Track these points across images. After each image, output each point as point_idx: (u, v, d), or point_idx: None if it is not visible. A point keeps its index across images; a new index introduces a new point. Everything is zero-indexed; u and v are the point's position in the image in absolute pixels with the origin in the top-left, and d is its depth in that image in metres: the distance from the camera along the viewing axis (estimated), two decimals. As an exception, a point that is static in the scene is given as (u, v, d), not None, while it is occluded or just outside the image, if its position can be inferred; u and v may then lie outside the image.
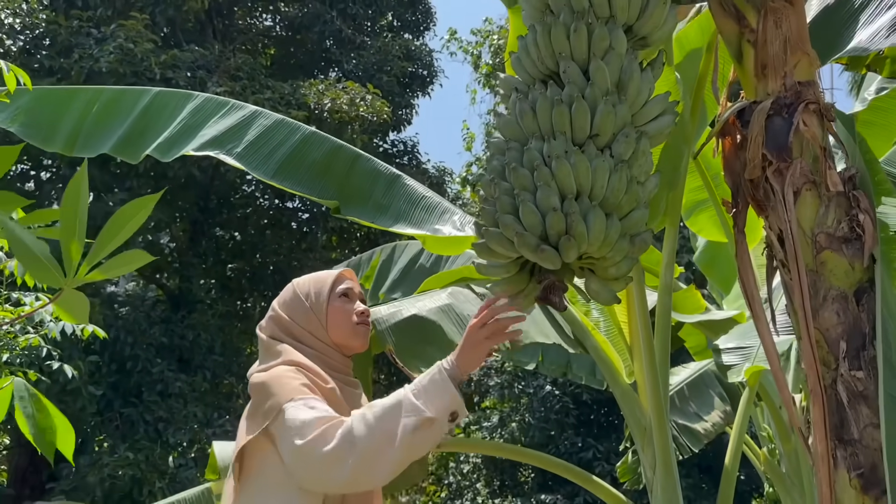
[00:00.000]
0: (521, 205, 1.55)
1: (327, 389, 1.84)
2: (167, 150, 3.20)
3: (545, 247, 1.53)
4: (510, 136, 1.69)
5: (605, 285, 1.64)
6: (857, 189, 1.98)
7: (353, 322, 1.96)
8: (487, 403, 14.40)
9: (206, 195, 12.85)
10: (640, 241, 1.64)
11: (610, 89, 1.60)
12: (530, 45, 1.69)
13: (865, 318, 1.94)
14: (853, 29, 2.54)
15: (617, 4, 1.63)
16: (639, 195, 1.62)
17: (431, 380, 1.71)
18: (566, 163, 1.53)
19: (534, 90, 1.67)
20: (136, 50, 10.30)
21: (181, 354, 11.48)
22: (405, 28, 17.07)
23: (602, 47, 1.61)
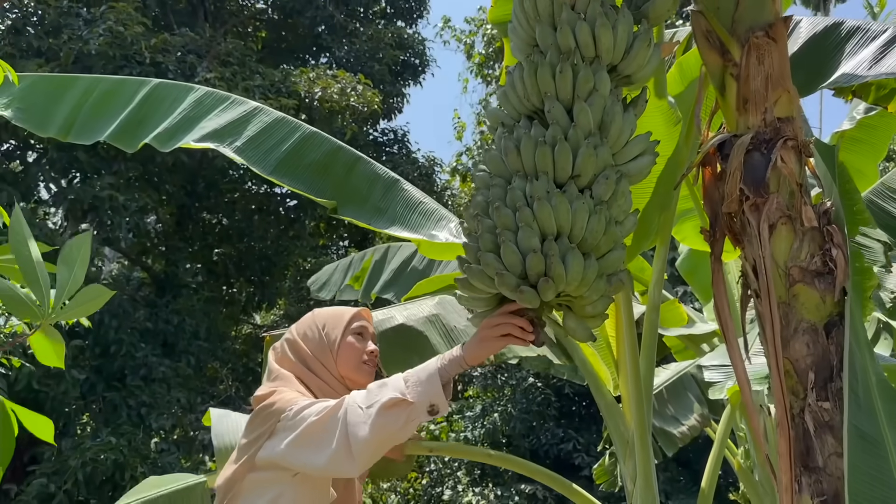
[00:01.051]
0: (502, 244, 1.58)
1: None
2: (166, 140, 3.19)
3: (524, 287, 1.57)
4: (495, 172, 1.72)
5: (582, 322, 1.68)
6: (832, 224, 2.03)
7: (361, 360, 2.05)
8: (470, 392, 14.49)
9: (193, 179, 12.79)
10: (617, 280, 1.68)
11: (592, 130, 1.63)
12: (517, 81, 1.72)
13: (834, 351, 1.99)
14: (839, 59, 2.59)
15: (602, 45, 1.66)
16: (617, 235, 1.65)
17: (425, 367, 1.77)
18: (547, 204, 1.57)
19: (518, 127, 1.70)
20: (126, 33, 10.22)
21: (165, 339, 11.47)
22: (398, 15, 16.97)
23: (586, 89, 1.64)
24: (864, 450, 1.92)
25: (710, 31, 2.01)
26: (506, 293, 1.61)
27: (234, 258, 13.95)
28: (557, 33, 1.68)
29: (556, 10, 1.72)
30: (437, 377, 1.72)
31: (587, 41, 1.66)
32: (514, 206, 1.61)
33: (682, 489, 11.76)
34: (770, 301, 1.95)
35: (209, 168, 12.46)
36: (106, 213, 10.44)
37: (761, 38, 1.94)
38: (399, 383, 1.74)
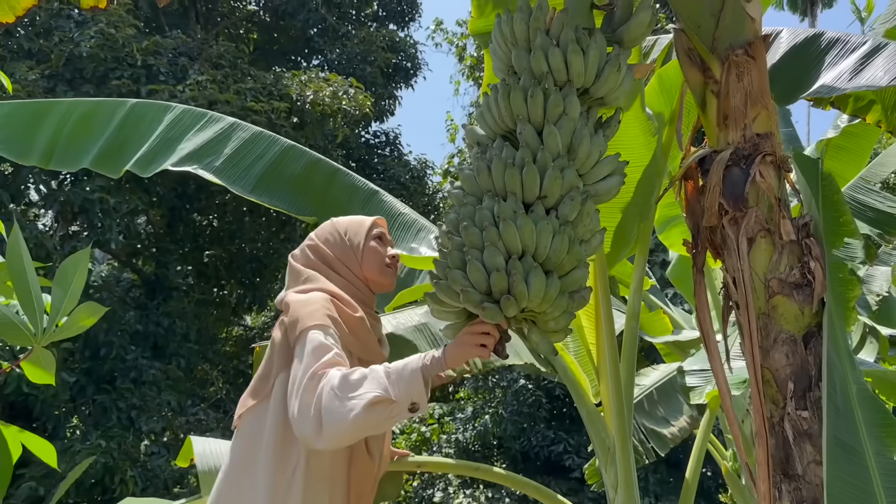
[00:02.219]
0: (469, 262, 1.66)
1: (356, 318, 1.98)
2: (147, 166, 3.20)
3: (487, 304, 1.65)
4: (468, 190, 1.80)
5: (545, 337, 1.74)
6: (810, 237, 2.07)
7: (384, 262, 2.14)
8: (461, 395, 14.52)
9: (184, 181, 12.77)
10: (580, 297, 1.75)
11: (561, 153, 1.70)
12: (492, 102, 1.79)
13: (812, 361, 2.04)
14: (819, 70, 2.63)
15: (573, 70, 1.73)
16: (580, 254, 1.72)
17: (407, 364, 1.79)
18: (513, 224, 1.64)
19: (492, 148, 1.77)
20: (118, 35, 10.21)
21: (156, 341, 11.45)
22: (390, 18, 17.01)
23: (556, 112, 1.71)
24: (844, 458, 1.97)
25: (692, 48, 2.06)
26: (471, 309, 1.69)
27: (224, 260, 13.94)
28: (531, 58, 1.74)
29: (531, 34, 1.79)
30: (419, 375, 1.76)
31: (559, 66, 1.73)
32: (481, 226, 1.68)
33: (672, 490, 11.83)
34: (749, 313, 2.00)
35: (200, 170, 12.43)
36: (97, 215, 10.42)
37: (741, 56, 1.98)
38: (381, 378, 1.76)
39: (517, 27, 1.80)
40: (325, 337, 1.86)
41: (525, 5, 1.81)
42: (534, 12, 1.79)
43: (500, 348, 1.74)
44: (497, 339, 1.73)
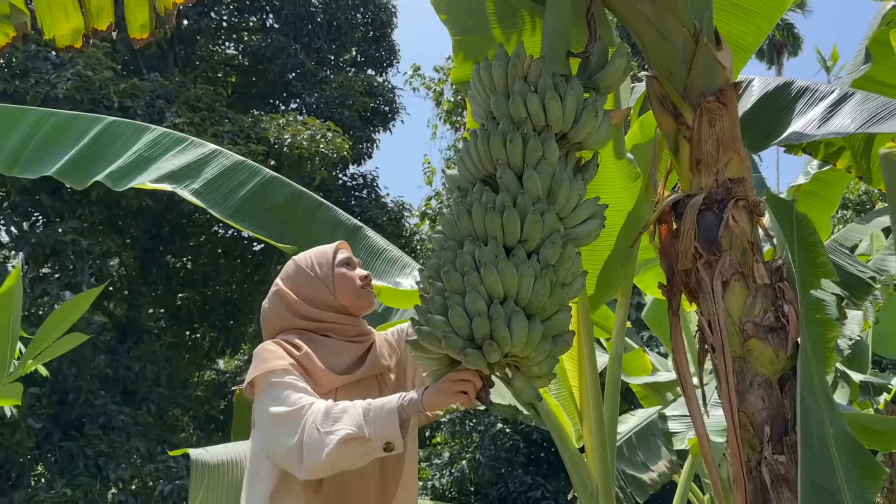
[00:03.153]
0: (450, 307, 1.65)
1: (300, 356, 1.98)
2: (119, 179, 3.13)
3: (469, 350, 1.64)
4: (449, 235, 1.79)
5: (529, 383, 1.73)
6: (784, 280, 2.09)
7: (357, 285, 2.12)
8: (438, 440, 14.33)
9: (159, 223, 12.68)
10: (563, 341, 1.74)
11: (541, 196, 1.72)
12: (472, 147, 1.81)
13: (788, 405, 2.04)
14: (789, 117, 2.70)
15: (551, 116, 1.76)
16: (563, 298, 1.72)
17: (385, 404, 1.79)
18: (494, 269, 1.64)
19: (472, 192, 1.78)
20: (95, 77, 10.21)
21: (126, 386, 11.22)
22: (368, 64, 17.21)
23: (535, 157, 1.73)
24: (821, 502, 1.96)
25: (664, 95, 2.10)
26: (452, 355, 1.67)
27: (198, 303, 13.77)
28: (509, 103, 1.76)
29: (509, 81, 1.82)
30: (395, 415, 1.77)
31: (537, 111, 1.76)
32: (462, 270, 1.68)
33: (651, 537, 11.70)
34: (724, 356, 2.00)
35: (175, 212, 12.38)
36: (68, 257, 10.28)
37: (712, 103, 2.02)
38: (358, 415, 1.77)
39: (496, 74, 1.83)
40: (281, 377, 1.90)
41: (503, 53, 1.85)
42: (512, 59, 1.82)
43: (483, 395, 1.72)
44: (479, 386, 1.72)
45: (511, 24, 2.26)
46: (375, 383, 2.09)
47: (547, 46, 1.90)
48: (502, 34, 2.27)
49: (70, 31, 2.35)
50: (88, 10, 2.34)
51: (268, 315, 2.13)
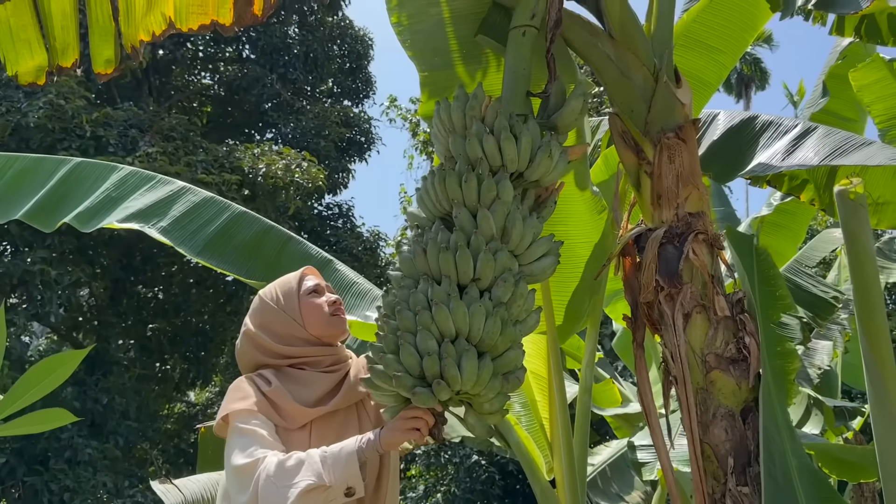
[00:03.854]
0: (401, 346, 1.68)
1: (271, 391, 1.95)
2: (88, 220, 3.11)
3: (419, 389, 1.66)
4: (406, 273, 1.82)
5: (481, 419, 1.75)
6: (745, 312, 2.13)
7: (326, 313, 2.04)
8: (413, 472, 14.18)
9: (130, 253, 12.53)
10: (514, 378, 1.76)
11: (494, 235, 1.75)
12: (430, 186, 1.85)
13: (751, 437, 2.06)
14: (754, 150, 2.76)
15: (507, 156, 1.80)
16: (514, 335, 1.75)
17: (343, 448, 1.77)
18: (445, 308, 1.67)
19: (429, 231, 1.82)
20: (67, 106, 10.14)
21: (93, 419, 10.97)
22: (345, 95, 17.32)
23: (489, 197, 1.77)
24: (785, 533, 1.98)
25: (626, 131, 2.15)
26: (403, 394, 1.70)
27: (168, 333, 13.58)
28: (466, 144, 1.80)
29: (467, 121, 1.86)
30: (355, 459, 1.75)
31: (493, 152, 1.80)
32: (415, 309, 1.71)
33: (626, 569, 11.61)
34: (687, 388, 2.03)
35: (147, 242, 12.23)
36: (36, 287, 10.11)
37: (672, 139, 2.07)
38: (316, 464, 1.75)
39: (454, 114, 1.88)
40: (245, 423, 1.87)
41: (462, 94, 1.89)
42: (469, 101, 1.87)
43: (435, 432, 1.73)
44: (432, 423, 1.73)
45: (476, 62, 2.31)
46: (354, 412, 2.05)
47: (506, 87, 1.95)
48: (468, 72, 2.31)
49: (33, 68, 2.35)
50: (53, 46, 2.34)
51: (241, 356, 2.10)
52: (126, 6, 2.33)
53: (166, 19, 2.25)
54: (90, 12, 2.37)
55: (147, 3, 2.31)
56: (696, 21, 2.88)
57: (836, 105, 4.42)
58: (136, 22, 2.26)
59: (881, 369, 1.90)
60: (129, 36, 2.25)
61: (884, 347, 1.92)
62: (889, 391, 1.91)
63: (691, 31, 2.98)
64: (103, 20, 2.30)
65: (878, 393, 1.94)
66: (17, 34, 2.26)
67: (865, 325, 1.98)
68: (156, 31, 2.26)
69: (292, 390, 1.96)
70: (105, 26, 2.30)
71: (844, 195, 1.95)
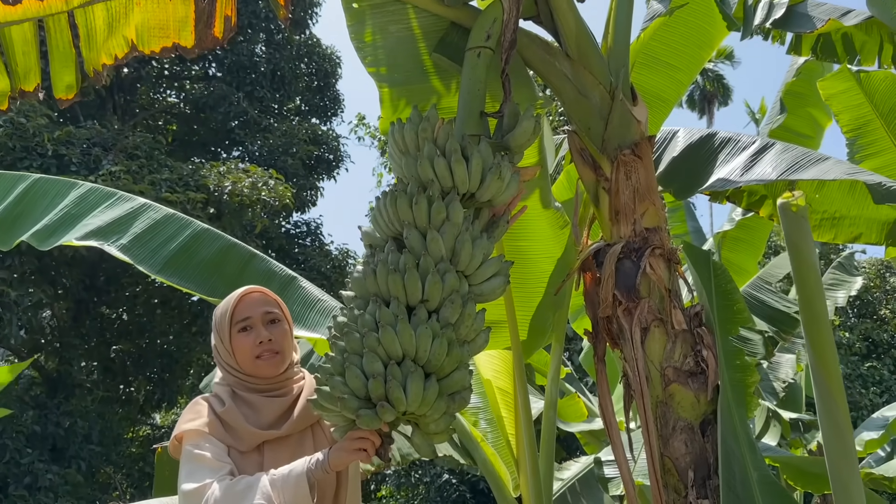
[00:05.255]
0: (347, 368, 1.68)
1: (224, 411, 1.92)
2: (45, 238, 3.05)
3: (363, 411, 1.66)
4: (357, 293, 1.83)
5: (427, 439, 1.76)
6: (702, 326, 2.16)
7: (253, 354, 1.95)
8: (384, 492, 14.06)
9: (93, 273, 12.32)
10: (460, 398, 1.77)
11: (444, 256, 1.77)
12: (382, 207, 1.86)
13: (710, 449, 2.08)
14: (713, 166, 2.81)
15: (458, 177, 1.82)
16: (461, 356, 1.75)
17: (292, 469, 1.76)
18: (392, 330, 1.68)
19: (380, 251, 1.82)
20: (29, 125, 10.00)
21: (55, 443, 10.72)
22: (313, 113, 17.29)
23: (439, 219, 1.78)
24: (746, 545, 1.99)
25: (584, 148, 2.17)
26: (347, 415, 1.70)
27: (133, 355, 13.34)
28: (417, 166, 1.81)
29: (420, 143, 1.88)
30: (304, 480, 1.74)
31: (444, 173, 1.82)
32: (361, 331, 1.71)
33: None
34: (645, 401, 2.05)
35: (110, 262, 12.04)
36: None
37: (628, 156, 2.10)
38: (265, 486, 1.74)
39: (407, 136, 1.89)
40: (195, 447, 1.85)
41: (416, 115, 1.90)
42: (422, 123, 1.88)
43: (381, 452, 1.74)
44: (378, 444, 1.73)
45: (437, 78, 2.32)
46: (309, 434, 2.01)
47: (461, 107, 1.97)
48: (427, 89, 2.32)
49: (-4, 93, 2.32)
50: (15, 71, 2.32)
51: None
52: (87, 31, 2.32)
53: (128, 42, 2.24)
54: (50, 39, 2.36)
55: (108, 28, 2.30)
56: (653, 39, 2.93)
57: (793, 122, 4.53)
58: (97, 46, 2.25)
59: (827, 380, 1.94)
60: (91, 60, 2.24)
61: (829, 357, 1.96)
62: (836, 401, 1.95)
63: (649, 49, 3.03)
64: (63, 46, 2.28)
65: (825, 403, 1.98)
66: (-22, 61, 2.24)
67: (811, 335, 2.02)
68: (118, 54, 2.25)
69: (245, 413, 1.94)
70: (65, 52, 2.29)
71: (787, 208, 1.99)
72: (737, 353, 2.38)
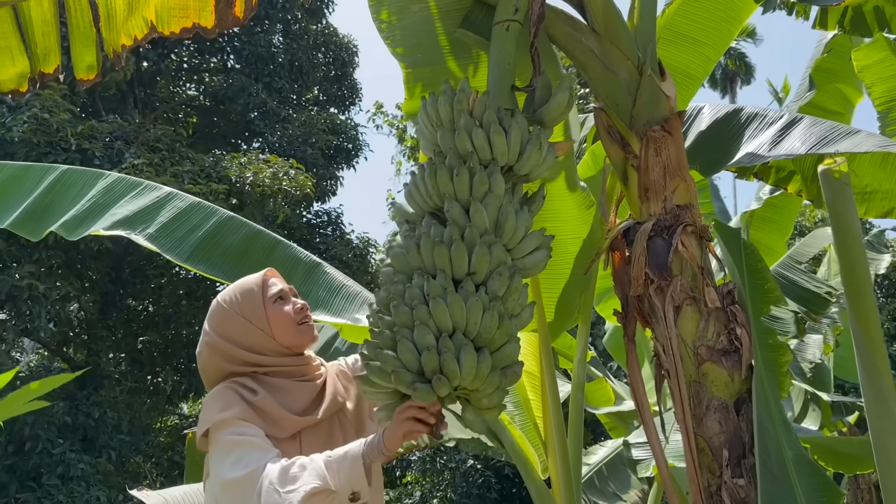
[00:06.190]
0: (399, 342, 1.65)
1: (257, 401, 1.88)
2: (74, 229, 3.09)
3: (419, 384, 1.63)
4: (398, 268, 1.79)
5: (479, 415, 1.72)
6: (735, 304, 2.12)
7: (295, 322, 1.97)
8: (409, 478, 14.12)
9: (118, 266, 12.46)
10: (512, 372, 1.73)
11: (488, 229, 1.73)
12: (419, 181, 1.82)
13: (745, 428, 2.05)
14: (740, 142, 2.75)
15: (497, 149, 1.78)
16: (511, 329, 1.72)
17: (347, 452, 1.74)
18: (442, 302, 1.64)
19: (420, 226, 1.79)
20: (52, 120, 10.08)
21: (85, 433, 10.89)
22: (331, 102, 17.29)
23: (481, 190, 1.75)
24: (782, 525, 1.97)
25: (612, 125, 2.14)
26: (402, 390, 1.66)
27: (159, 346, 13.49)
28: (455, 138, 1.78)
29: (455, 115, 1.84)
30: (360, 463, 1.71)
31: (483, 145, 1.78)
32: (411, 304, 1.67)
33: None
34: (679, 380, 2.02)
35: (136, 254, 12.19)
36: (25, 302, 10.03)
37: (658, 132, 2.07)
38: (320, 467, 1.71)
39: (441, 109, 1.85)
40: (237, 434, 1.80)
41: (448, 88, 1.87)
42: (457, 95, 1.85)
43: (435, 429, 1.70)
44: (434, 421, 1.69)
45: (460, 57, 2.30)
46: (336, 421, 2.00)
47: (492, 81, 1.93)
48: (452, 67, 2.30)
49: (15, 75, 2.32)
50: (35, 53, 2.32)
51: (207, 367, 1.99)
52: (107, 11, 2.31)
53: (148, 23, 2.23)
54: (70, 18, 2.35)
55: (128, 8, 2.29)
56: (678, 14, 2.88)
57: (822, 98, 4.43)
58: (117, 26, 2.24)
59: (872, 351, 1.90)
60: (110, 41, 2.23)
61: (874, 328, 1.91)
62: (881, 373, 1.90)
63: (674, 25, 2.98)
64: (84, 26, 2.27)
65: (869, 373, 1.93)
66: (-3, 42, 2.24)
67: (855, 306, 1.97)
68: (137, 35, 2.24)
69: (278, 399, 1.90)
70: (86, 32, 2.28)
71: (828, 174, 1.94)
72: (769, 333, 2.34)
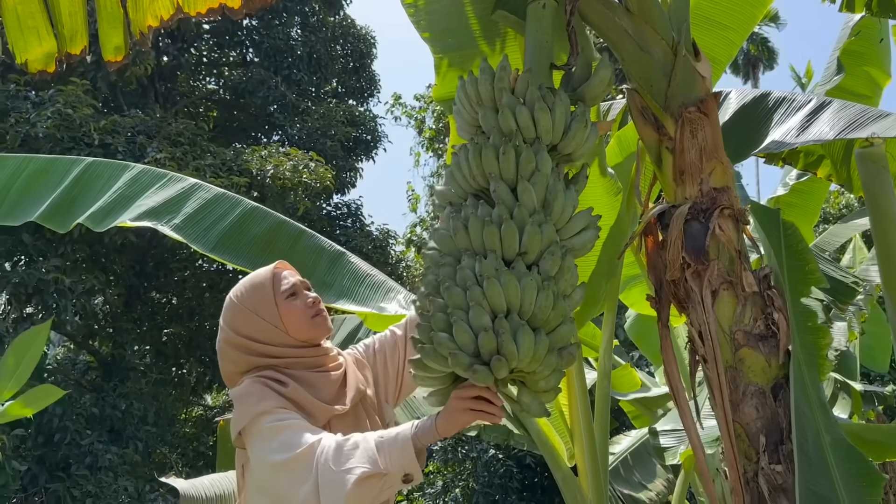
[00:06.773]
0: (454, 323, 1.60)
1: (289, 392, 1.87)
2: (101, 220, 3.12)
3: (478, 366, 1.58)
4: (445, 251, 1.75)
5: (536, 398, 1.68)
6: (772, 288, 2.09)
7: (309, 316, 1.96)
8: (431, 468, 14.16)
9: (142, 259, 12.58)
10: (568, 353, 1.69)
11: (536, 208, 1.69)
12: (462, 162, 1.78)
13: (782, 414, 2.02)
14: (768, 127, 2.71)
15: (542, 127, 1.74)
16: (565, 310, 1.68)
17: (398, 434, 1.72)
18: (497, 282, 1.60)
19: (466, 206, 1.75)
20: (75, 115, 10.16)
21: (112, 425, 11.02)
22: (349, 94, 17.30)
23: (529, 169, 1.70)
24: (820, 510, 1.94)
25: (645, 107, 2.11)
26: (460, 372, 1.62)
27: (184, 338, 13.60)
28: (499, 116, 1.75)
29: (496, 94, 1.80)
30: (410, 445, 1.69)
31: (527, 123, 1.74)
32: (464, 285, 1.63)
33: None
34: (717, 366, 1.99)
35: (159, 247, 12.29)
36: (51, 295, 10.15)
37: (693, 114, 2.03)
38: (371, 449, 1.69)
39: (482, 88, 1.81)
40: (280, 420, 1.79)
41: (488, 67, 1.84)
42: (498, 73, 1.81)
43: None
44: (499, 403, 1.66)
45: (491, 40, 2.27)
46: (361, 407, 2.01)
47: (530, 60, 1.90)
48: (482, 51, 2.28)
49: (42, 55, 2.33)
50: (61, 33, 2.32)
51: (226, 364, 2.00)
52: (133, -9, 2.31)
53: (174, 4, 2.23)
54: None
55: (155, -13, 2.29)
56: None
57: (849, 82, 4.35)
58: (143, 7, 2.24)
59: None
60: (137, 21, 2.24)
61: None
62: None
63: (700, 8, 2.94)
64: (111, 7, 2.28)
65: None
66: (25, 22, 2.24)
67: (891, 290, 1.93)
68: (164, 15, 2.24)
69: (307, 389, 1.90)
70: (113, 13, 2.28)
71: (865, 157, 1.90)
72: (809, 315, 2.29)
